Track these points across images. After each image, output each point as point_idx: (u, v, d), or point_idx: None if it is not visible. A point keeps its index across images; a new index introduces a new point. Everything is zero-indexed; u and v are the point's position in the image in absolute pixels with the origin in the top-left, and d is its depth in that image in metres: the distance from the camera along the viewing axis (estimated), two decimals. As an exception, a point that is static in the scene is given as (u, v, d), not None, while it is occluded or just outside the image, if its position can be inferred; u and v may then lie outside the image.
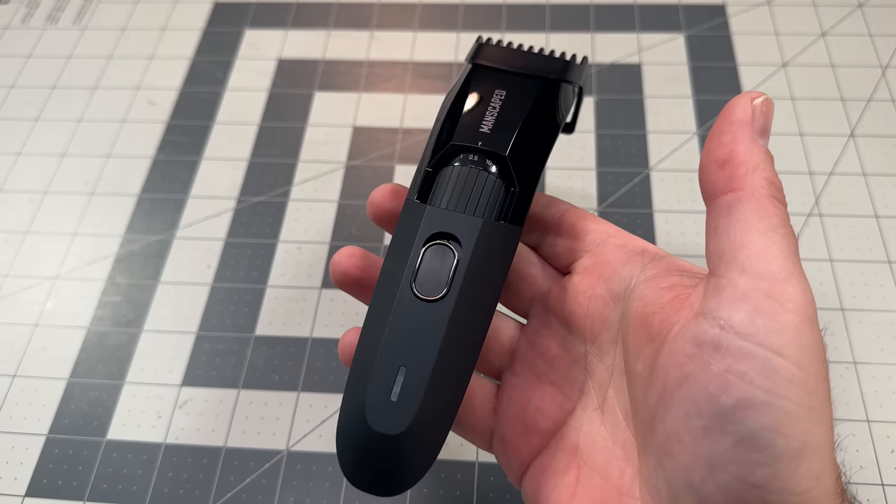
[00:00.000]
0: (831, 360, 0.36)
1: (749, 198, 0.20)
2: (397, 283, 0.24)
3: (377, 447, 0.22)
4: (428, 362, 0.23)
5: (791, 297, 0.19)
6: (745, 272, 0.19)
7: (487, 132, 0.26)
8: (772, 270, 0.19)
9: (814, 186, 0.42)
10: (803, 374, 0.18)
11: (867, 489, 0.32)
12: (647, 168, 0.43)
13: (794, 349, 0.18)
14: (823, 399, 0.19)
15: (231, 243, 0.42)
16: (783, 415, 0.18)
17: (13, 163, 0.46)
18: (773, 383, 0.18)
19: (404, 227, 0.25)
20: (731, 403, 0.18)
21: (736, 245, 0.20)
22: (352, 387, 0.23)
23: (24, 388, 0.37)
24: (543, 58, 0.28)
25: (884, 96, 0.45)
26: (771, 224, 0.20)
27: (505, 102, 0.27)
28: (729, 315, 0.19)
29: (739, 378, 0.18)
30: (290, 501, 0.33)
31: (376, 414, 0.22)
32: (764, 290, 0.19)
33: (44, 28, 0.54)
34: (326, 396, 0.36)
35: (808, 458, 0.18)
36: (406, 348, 0.23)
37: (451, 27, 0.51)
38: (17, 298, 0.41)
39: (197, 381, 0.37)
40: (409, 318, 0.23)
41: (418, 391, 0.22)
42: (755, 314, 0.19)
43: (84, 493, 0.34)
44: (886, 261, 0.39)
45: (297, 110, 0.47)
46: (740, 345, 0.19)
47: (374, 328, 0.24)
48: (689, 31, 0.49)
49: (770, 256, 0.19)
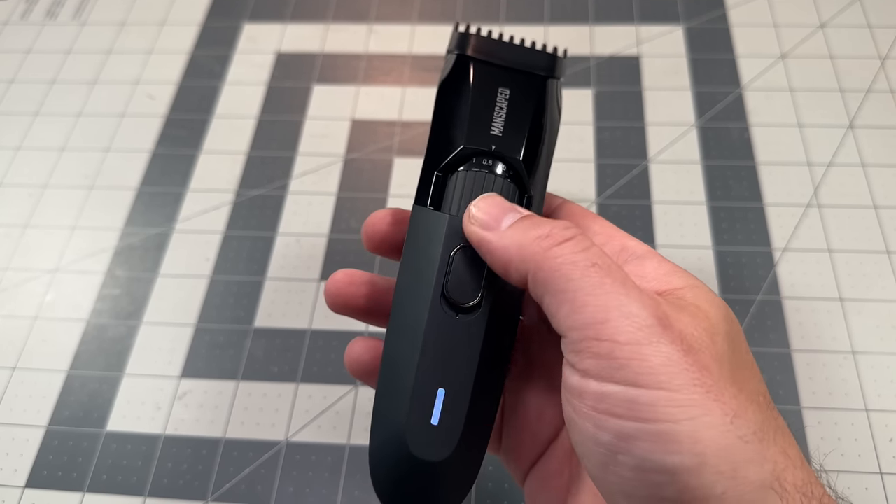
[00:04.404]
0: (830, 349, 0.36)
1: (550, 271, 0.20)
2: (426, 298, 0.22)
3: (419, 473, 0.21)
4: (467, 383, 0.22)
5: (619, 331, 0.19)
6: (574, 330, 0.20)
7: (499, 135, 0.25)
8: (595, 319, 0.19)
9: (813, 177, 0.42)
10: (667, 392, 0.18)
11: (865, 478, 0.32)
12: (645, 160, 0.43)
13: (646, 376, 0.18)
14: (706, 402, 0.18)
15: (230, 236, 0.42)
16: (661, 436, 0.18)
17: (13, 157, 0.46)
18: (638, 412, 0.18)
19: (420, 238, 0.23)
20: (608, 439, 0.19)
21: (573, 313, 0.20)
22: (386, 408, 0.22)
23: (23, 380, 0.38)
24: (533, 52, 0.27)
25: (882, 87, 0.45)
26: (575, 278, 0.20)
27: (511, 102, 0.25)
28: (581, 362, 0.20)
29: (608, 414, 0.19)
30: (289, 492, 0.33)
31: (418, 439, 0.21)
32: (594, 336, 0.19)
33: (43, 23, 0.54)
34: (325, 387, 0.36)
35: (710, 462, 0.18)
36: (443, 368, 0.22)
37: (450, 20, 0.51)
38: (17, 291, 0.41)
39: (196, 372, 0.37)
40: (443, 335, 0.22)
41: (460, 415, 0.22)
42: (599, 359, 0.19)
43: (84, 484, 0.34)
44: (885, 251, 0.39)
45: (295, 103, 0.47)
46: (596, 387, 0.19)
47: (402, 345, 0.22)
48: (688, 23, 0.49)
49: (592, 310, 0.19)
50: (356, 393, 0.36)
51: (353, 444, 0.35)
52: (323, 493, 0.33)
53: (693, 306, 0.21)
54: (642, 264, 0.23)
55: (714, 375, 0.19)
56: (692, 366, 0.19)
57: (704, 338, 0.20)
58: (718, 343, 0.20)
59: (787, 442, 0.20)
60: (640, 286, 0.22)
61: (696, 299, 0.21)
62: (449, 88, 0.26)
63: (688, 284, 0.22)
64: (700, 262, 0.39)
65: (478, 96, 0.25)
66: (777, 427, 0.20)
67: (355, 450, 0.35)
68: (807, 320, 0.37)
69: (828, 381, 0.35)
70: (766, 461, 0.18)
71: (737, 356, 0.20)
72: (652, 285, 0.22)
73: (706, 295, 0.22)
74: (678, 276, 0.22)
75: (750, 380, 0.20)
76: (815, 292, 0.38)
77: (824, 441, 0.33)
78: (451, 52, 0.26)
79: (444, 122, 0.25)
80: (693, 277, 0.23)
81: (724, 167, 0.42)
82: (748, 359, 0.21)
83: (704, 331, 0.20)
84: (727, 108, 0.45)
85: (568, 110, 0.45)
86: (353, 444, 0.35)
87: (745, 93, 0.45)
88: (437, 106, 0.26)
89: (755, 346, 0.36)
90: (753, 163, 0.42)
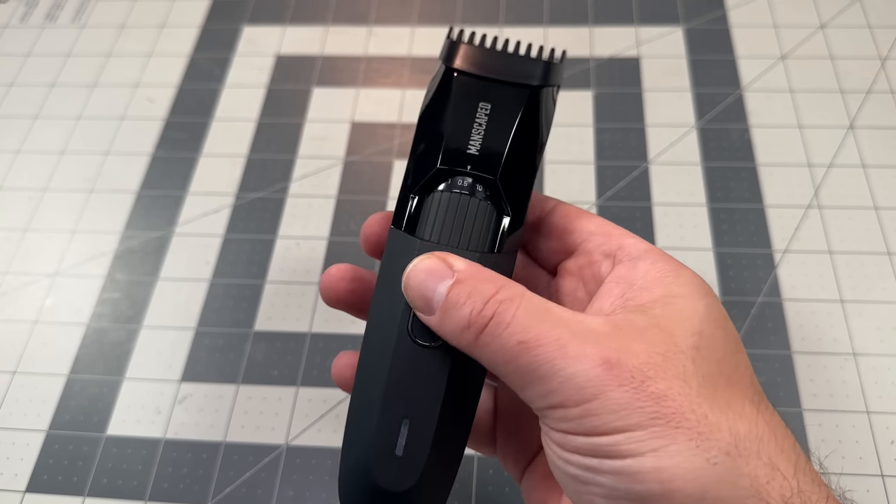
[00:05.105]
0: (831, 351, 0.36)
1: (486, 362, 0.21)
2: (393, 328, 0.22)
3: (385, 503, 0.22)
4: (432, 413, 0.22)
5: (566, 398, 0.19)
6: (530, 402, 0.21)
7: (475, 153, 0.24)
8: (541, 394, 0.20)
9: (813, 179, 0.42)
10: (626, 433, 0.19)
11: (867, 480, 0.32)
12: (645, 161, 0.43)
13: (602, 426, 0.19)
14: (667, 432, 0.18)
15: (230, 239, 0.42)
16: (625, 469, 0.19)
17: (12, 160, 0.46)
18: (601, 452, 0.19)
19: (394, 263, 0.23)
20: (576, 472, 0.20)
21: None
22: (353, 438, 0.22)
23: (24, 384, 0.38)
24: (523, 59, 0.25)
25: (883, 88, 0.45)
26: (509, 361, 0.20)
27: (491, 118, 0.24)
28: (542, 419, 0.21)
29: (573, 452, 0.20)
30: (289, 496, 0.33)
31: (382, 470, 0.22)
32: (546, 406, 0.20)
33: (42, 26, 0.54)
34: (325, 391, 0.36)
35: (676, 488, 0.18)
36: (408, 399, 0.22)
37: (450, 22, 0.51)
38: (17, 295, 0.41)
39: (196, 376, 0.37)
40: (409, 365, 0.22)
41: (424, 445, 0.22)
42: (557, 420, 0.20)
43: (84, 488, 0.34)
44: (886, 252, 0.39)
45: (295, 106, 0.47)
46: (559, 435, 0.20)
47: (371, 373, 0.23)
48: (688, 24, 0.49)
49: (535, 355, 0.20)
50: (356, 396, 0.36)
51: (354, 448, 0.35)
52: (323, 497, 0.33)
53: (657, 325, 0.20)
54: (635, 266, 0.22)
55: (675, 401, 0.19)
56: (647, 400, 0.19)
57: (660, 362, 0.19)
58: (679, 362, 0.20)
59: (777, 451, 0.19)
60: (617, 297, 0.22)
61: (665, 314, 0.21)
62: (431, 104, 0.25)
63: (665, 295, 0.21)
64: (700, 264, 0.39)
65: (457, 113, 0.24)
66: (764, 436, 0.19)
67: (355, 453, 0.34)
68: (807, 322, 0.37)
69: (829, 383, 0.35)
70: (742, 477, 0.18)
71: (712, 368, 0.20)
72: (635, 294, 0.22)
73: (680, 305, 0.21)
74: (662, 285, 0.22)
75: (730, 390, 0.20)
76: (816, 294, 0.38)
77: (825, 443, 0.33)
78: (441, 62, 0.26)
79: (422, 141, 0.25)
80: (679, 282, 0.22)
81: (725, 168, 0.42)
82: (732, 365, 0.21)
83: (661, 354, 0.20)
84: (727, 110, 0.45)
85: (567, 112, 0.45)
86: (354, 448, 0.35)
87: (746, 94, 0.45)
88: (420, 122, 0.25)
89: (756, 349, 0.36)
90: (754, 164, 0.42)
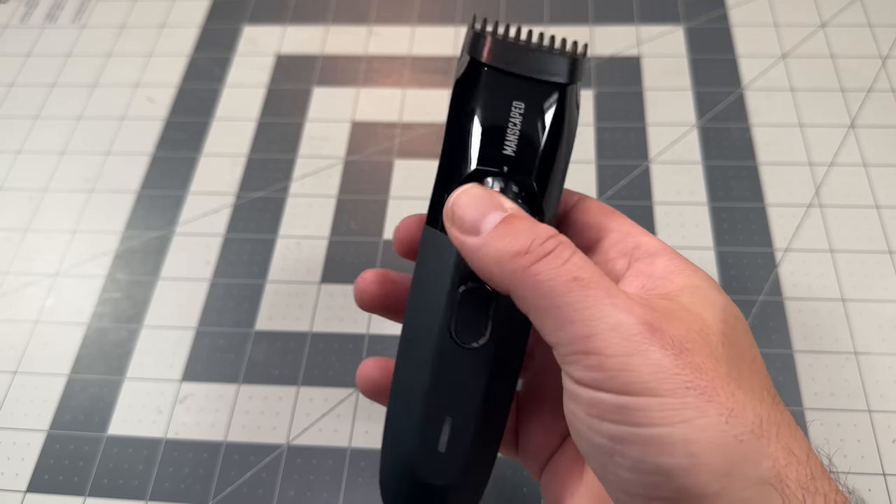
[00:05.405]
0: (832, 350, 0.36)
1: (532, 290, 0.20)
2: (434, 329, 0.23)
3: (425, 496, 0.23)
4: (474, 412, 0.23)
5: (606, 344, 0.19)
6: (562, 345, 0.20)
7: (511, 155, 0.24)
8: (581, 334, 0.19)
9: (814, 177, 0.41)
10: (659, 398, 0.19)
11: (869, 479, 0.32)
12: (646, 160, 0.43)
13: (636, 384, 0.19)
14: (699, 404, 0.19)
15: (230, 239, 0.42)
16: (654, 439, 0.19)
17: (13, 161, 0.46)
18: (630, 417, 0.19)
19: (432, 263, 0.24)
20: (602, 442, 0.20)
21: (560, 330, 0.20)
22: (394, 434, 0.24)
23: (25, 384, 0.38)
24: (549, 55, 0.25)
25: (884, 87, 0.45)
26: (557, 295, 0.20)
27: (525, 118, 0.24)
28: (572, 372, 0.20)
29: (601, 419, 0.19)
30: (290, 495, 0.33)
31: (425, 465, 0.23)
32: (582, 349, 0.20)
33: (43, 26, 0.54)
34: (326, 390, 0.36)
35: (704, 462, 0.18)
36: (451, 398, 0.23)
37: (450, 21, 0.51)
38: (18, 295, 0.41)
39: (197, 376, 0.37)
40: (451, 366, 0.23)
41: (465, 442, 0.23)
42: (589, 370, 0.19)
43: (85, 488, 0.34)
44: (887, 251, 0.39)
45: (295, 106, 0.47)
46: (589, 394, 0.20)
47: (412, 373, 0.24)
48: (689, 23, 0.49)
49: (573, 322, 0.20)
50: (357, 396, 0.36)
51: (355, 448, 0.35)
52: (324, 497, 0.33)
53: (686, 309, 0.21)
54: (653, 262, 0.23)
55: (708, 375, 0.19)
56: (684, 368, 0.19)
57: (697, 339, 0.20)
58: (713, 343, 0.20)
59: (792, 438, 0.20)
60: (639, 289, 0.22)
61: (693, 301, 0.21)
62: (462, 100, 0.25)
63: (689, 285, 0.22)
64: (701, 263, 0.39)
65: (491, 112, 0.24)
66: (781, 423, 0.20)
67: (356, 453, 0.34)
68: (809, 321, 0.37)
69: (830, 382, 0.35)
70: (765, 458, 0.19)
71: (736, 354, 0.21)
72: (657, 285, 0.22)
73: (705, 294, 0.22)
74: (683, 276, 0.22)
75: (752, 377, 0.20)
76: (817, 293, 0.38)
77: (827, 442, 0.33)
78: (465, 52, 0.25)
79: (457, 139, 0.25)
80: (698, 276, 0.23)
81: (726, 167, 0.42)
82: (751, 356, 0.21)
83: (697, 332, 0.20)
84: (728, 109, 0.45)
85: (568, 111, 0.45)
86: (355, 448, 0.35)
87: (746, 93, 0.45)
88: (451, 118, 0.25)
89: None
90: (755, 163, 0.42)
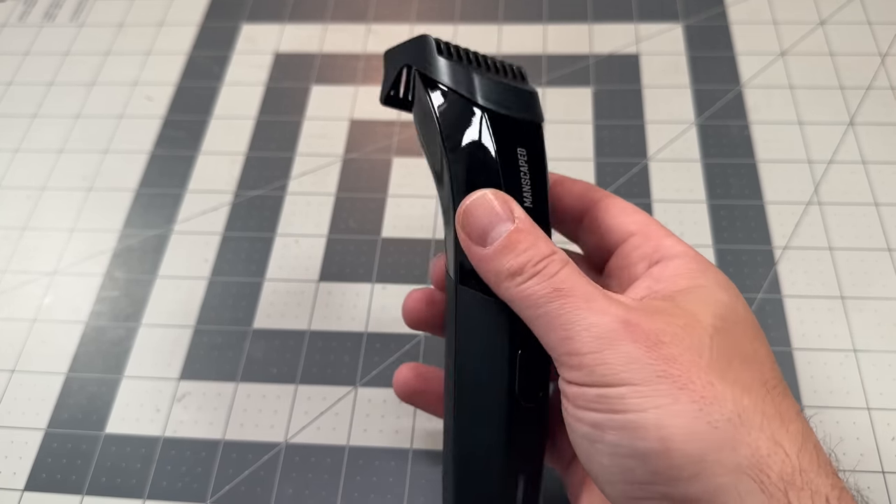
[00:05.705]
0: (831, 348, 0.36)
1: (521, 304, 0.23)
2: (499, 392, 0.25)
3: None
4: (539, 464, 0.26)
5: (581, 343, 0.21)
6: (550, 350, 0.23)
7: (531, 206, 0.25)
8: (561, 338, 0.22)
9: (813, 175, 0.41)
10: (632, 386, 0.20)
11: (868, 477, 0.32)
12: (645, 158, 0.43)
13: (611, 376, 0.20)
14: (671, 391, 0.20)
15: (229, 237, 0.42)
16: (629, 424, 0.20)
17: (11, 159, 0.46)
18: (609, 405, 0.20)
19: (478, 325, 0.25)
20: (586, 430, 0.21)
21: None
22: (471, 490, 0.26)
23: (22, 382, 0.37)
24: (521, 92, 0.26)
25: (883, 84, 0.45)
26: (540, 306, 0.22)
27: (530, 165, 0.25)
28: (563, 373, 0.22)
29: (584, 409, 0.21)
30: (288, 494, 0.33)
31: None
32: (564, 352, 0.22)
33: (41, 25, 0.54)
34: (324, 389, 0.36)
35: (676, 447, 0.19)
36: (521, 455, 0.26)
37: (448, 20, 0.51)
38: (16, 294, 0.41)
39: (195, 374, 0.37)
40: (519, 424, 0.25)
41: (535, 493, 0.26)
42: (572, 369, 0.21)
43: (83, 486, 0.34)
44: (886, 248, 0.38)
45: (294, 104, 0.47)
46: (576, 390, 0.22)
47: (479, 436, 0.25)
48: (688, 21, 0.49)
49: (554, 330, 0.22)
50: (355, 394, 0.36)
51: (353, 446, 0.35)
52: (322, 495, 0.33)
53: (678, 307, 0.22)
54: (667, 266, 0.24)
55: (684, 366, 0.20)
56: (657, 359, 0.20)
57: (678, 332, 0.21)
58: (698, 336, 0.21)
59: (783, 430, 0.20)
60: (644, 291, 0.24)
61: (689, 300, 0.22)
62: (471, 149, 0.24)
63: (691, 286, 0.23)
64: (700, 261, 0.39)
65: (504, 165, 0.24)
66: (771, 415, 0.20)
67: (355, 451, 0.34)
68: (807, 318, 0.37)
69: (829, 380, 0.35)
70: (742, 445, 0.19)
71: (728, 348, 0.21)
72: (662, 287, 0.23)
73: (705, 294, 0.23)
74: (688, 278, 0.23)
75: (744, 370, 0.21)
76: (816, 290, 0.37)
77: (826, 440, 0.33)
78: (441, 85, 0.25)
79: (465, 181, 0.24)
80: (706, 277, 0.24)
81: (724, 165, 0.42)
82: (750, 350, 0.22)
83: (681, 327, 0.21)
84: (727, 106, 0.45)
85: (567, 109, 0.45)
86: (353, 446, 0.35)
87: (745, 90, 0.45)
88: (459, 163, 0.24)
89: (756, 345, 0.36)
90: (753, 160, 0.42)
